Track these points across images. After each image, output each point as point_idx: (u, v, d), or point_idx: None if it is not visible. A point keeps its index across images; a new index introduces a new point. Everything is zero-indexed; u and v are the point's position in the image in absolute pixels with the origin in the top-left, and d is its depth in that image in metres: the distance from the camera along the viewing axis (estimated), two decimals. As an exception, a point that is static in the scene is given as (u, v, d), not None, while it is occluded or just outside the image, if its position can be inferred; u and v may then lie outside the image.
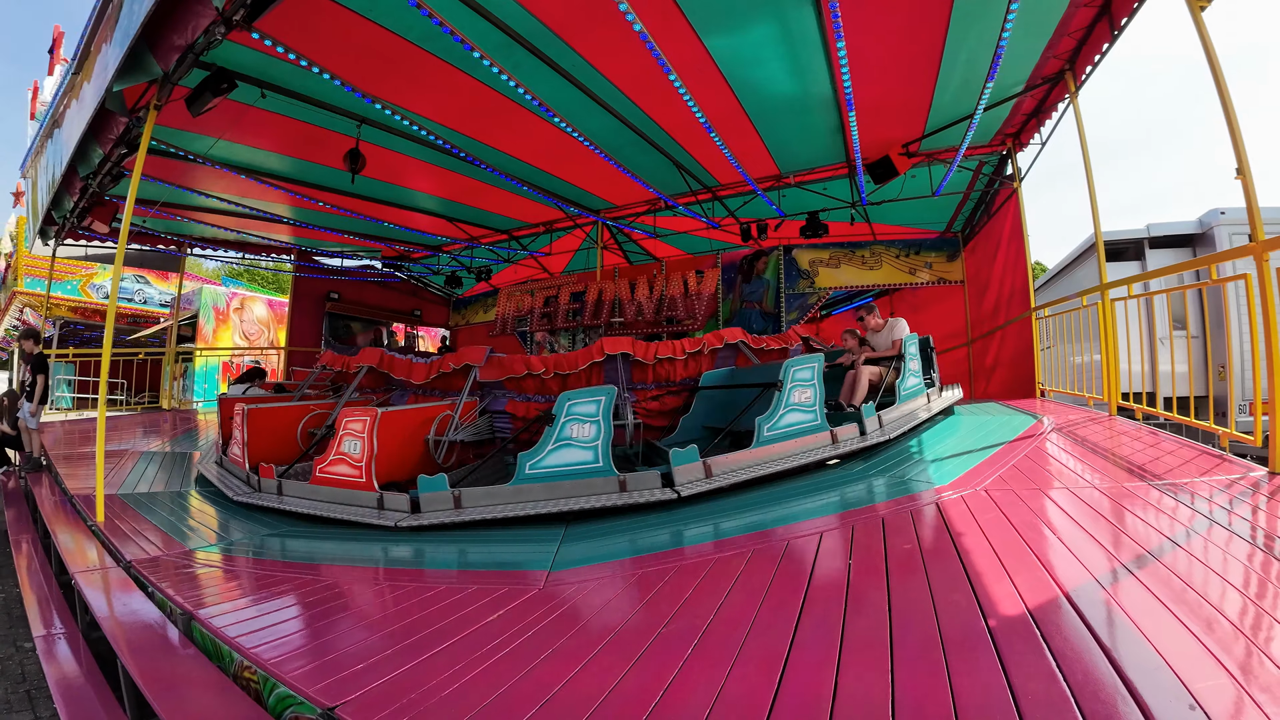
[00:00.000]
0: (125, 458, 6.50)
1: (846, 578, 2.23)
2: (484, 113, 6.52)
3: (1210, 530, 2.41)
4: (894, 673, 1.55)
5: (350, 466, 4.47)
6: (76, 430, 8.24)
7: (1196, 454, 3.62)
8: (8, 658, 3.42)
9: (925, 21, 5.10)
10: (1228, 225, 7.27)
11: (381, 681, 1.80)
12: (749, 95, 6.31)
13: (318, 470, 4.64)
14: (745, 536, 3.00)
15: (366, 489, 4.33)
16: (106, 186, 6.47)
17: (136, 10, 3.93)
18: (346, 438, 4.53)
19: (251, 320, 16.43)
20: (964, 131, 6.54)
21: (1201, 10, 3.51)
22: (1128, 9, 4.84)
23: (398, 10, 4.53)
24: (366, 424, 4.43)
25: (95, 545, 3.79)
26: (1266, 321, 3.23)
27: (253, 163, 7.66)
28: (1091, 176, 5.69)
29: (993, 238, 8.65)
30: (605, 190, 9.39)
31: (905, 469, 3.95)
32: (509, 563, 3.16)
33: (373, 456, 4.36)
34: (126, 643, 2.29)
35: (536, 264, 13.10)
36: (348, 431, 4.54)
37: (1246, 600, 1.83)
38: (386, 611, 2.48)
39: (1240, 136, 3.37)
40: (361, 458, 4.41)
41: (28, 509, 5.65)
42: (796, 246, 10.80)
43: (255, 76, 5.58)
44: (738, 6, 4.87)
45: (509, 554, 3.30)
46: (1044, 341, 7.24)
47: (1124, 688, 1.39)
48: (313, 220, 10.11)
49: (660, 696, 1.56)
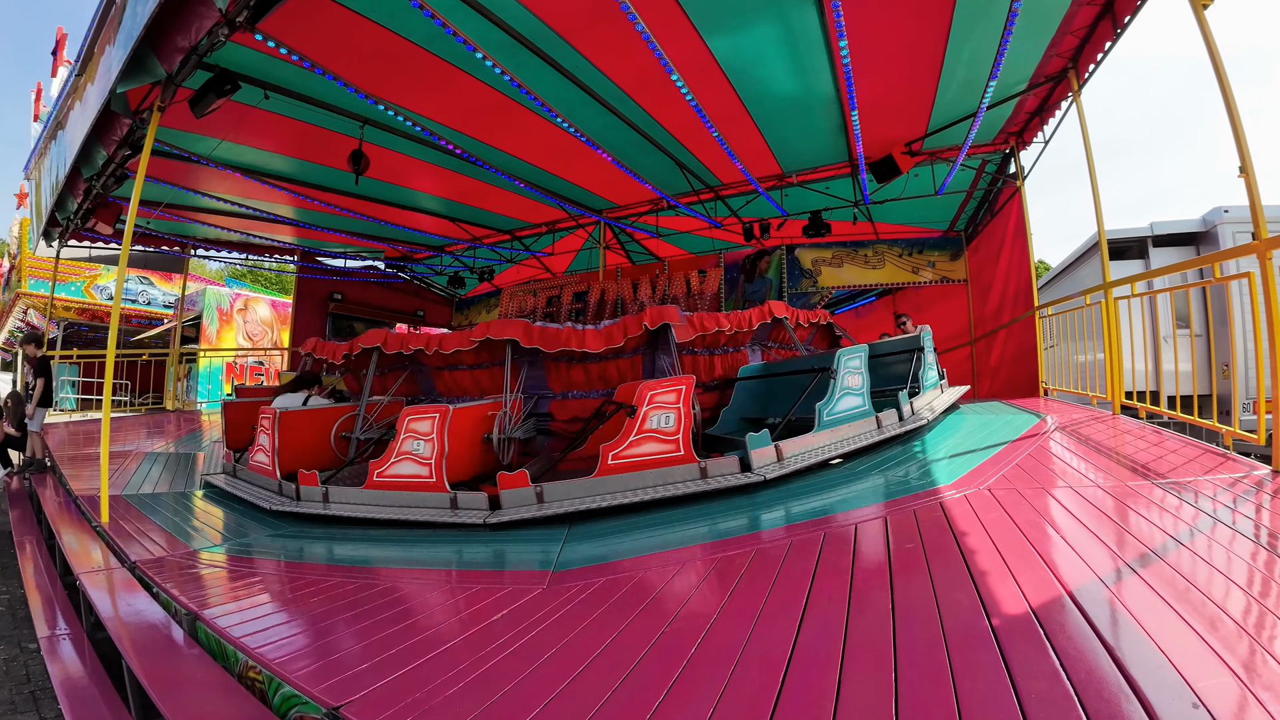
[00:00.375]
0: (129, 459, 6.52)
1: (850, 578, 2.23)
2: (486, 113, 6.53)
3: (1214, 529, 2.41)
4: (897, 670, 1.55)
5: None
6: (81, 431, 8.27)
7: (1200, 453, 3.61)
8: (13, 658, 3.43)
9: (927, 20, 5.09)
10: (1231, 224, 7.25)
11: (386, 681, 1.80)
12: (751, 94, 6.31)
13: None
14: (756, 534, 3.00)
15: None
16: (110, 188, 6.50)
17: (140, 12, 3.94)
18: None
19: (255, 321, 16.46)
20: (967, 130, 6.54)
21: (1204, 8, 3.50)
22: (1130, 7, 4.83)
23: (400, 11, 4.54)
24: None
25: (100, 546, 3.80)
26: (1270, 320, 3.22)
27: (256, 164, 7.68)
28: (1094, 175, 5.67)
29: (996, 237, 8.64)
30: (608, 190, 9.40)
31: (909, 468, 3.94)
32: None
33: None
34: (131, 643, 2.29)
35: (539, 264, 13.10)
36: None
37: (1250, 599, 1.83)
38: (397, 610, 2.48)
39: (1243, 135, 3.36)
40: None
41: (32, 510, 5.68)
42: (799, 246, 10.78)
43: (258, 78, 5.59)
44: (740, 6, 4.87)
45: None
46: (1047, 340, 7.23)
47: (1127, 686, 1.39)
48: (316, 221, 10.13)
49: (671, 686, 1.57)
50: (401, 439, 4.39)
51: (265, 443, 5.26)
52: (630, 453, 4.04)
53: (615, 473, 4.01)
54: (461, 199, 9.77)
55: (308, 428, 5.51)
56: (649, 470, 3.99)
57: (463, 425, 4.54)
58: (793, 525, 3.15)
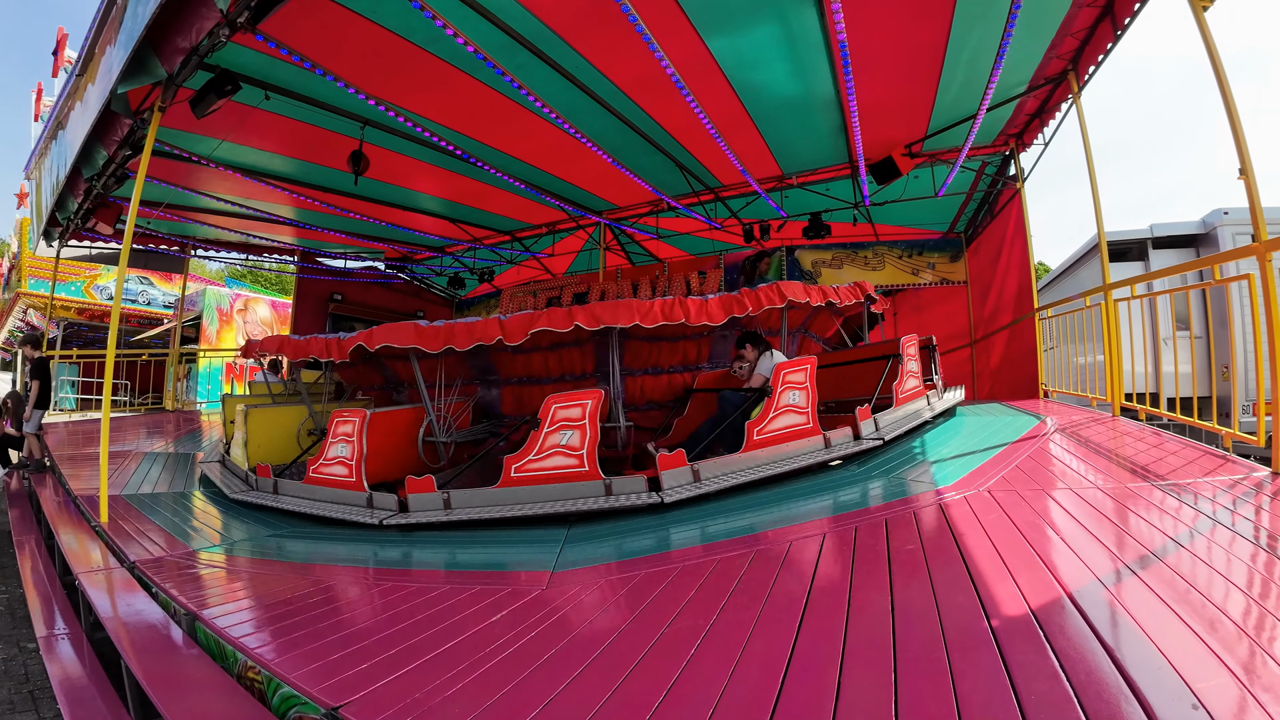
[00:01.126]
0: (129, 459, 6.52)
1: (849, 579, 2.23)
2: (487, 114, 6.53)
3: (1213, 531, 2.41)
4: (897, 672, 1.55)
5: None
6: (80, 431, 8.26)
7: (1200, 454, 3.61)
8: (12, 658, 3.43)
9: (927, 22, 5.10)
10: (1231, 225, 7.26)
11: (385, 681, 1.80)
12: (751, 96, 6.31)
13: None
14: (747, 537, 3.00)
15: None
16: (111, 188, 6.50)
17: (141, 12, 3.95)
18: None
19: (255, 321, 16.45)
20: (967, 132, 6.54)
21: (1204, 10, 3.50)
22: (1130, 9, 4.83)
23: (401, 12, 4.54)
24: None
25: (99, 546, 3.80)
26: (1270, 322, 3.22)
27: (256, 164, 7.68)
28: (1094, 176, 5.68)
29: (996, 238, 8.64)
30: (608, 191, 9.40)
31: (908, 470, 3.94)
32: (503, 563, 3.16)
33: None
34: (130, 643, 2.29)
35: (539, 265, 13.11)
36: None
37: (1250, 600, 1.83)
38: (391, 612, 2.48)
39: (1243, 136, 3.36)
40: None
41: (31, 510, 5.67)
42: (799, 247, 10.79)
43: (259, 78, 5.59)
44: (740, 7, 4.87)
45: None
46: (1047, 342, 7.23)
47: (1127, 687, 1.39)
48: (316, 221, 10.13)
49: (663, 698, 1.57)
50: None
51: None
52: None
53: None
54: (461, 200, 9.77)
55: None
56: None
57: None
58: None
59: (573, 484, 3.91)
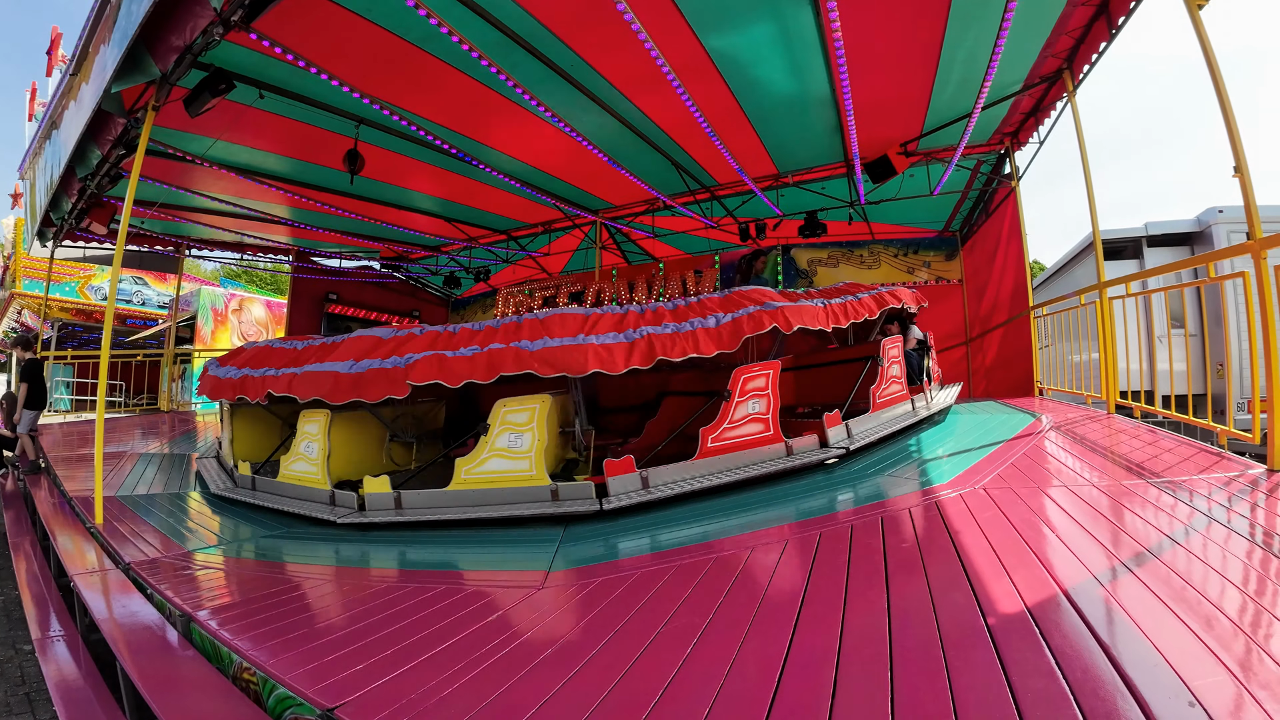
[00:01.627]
0: (124, 459, 6.49)
1: (846, 577, 2.23)
2: (482, 113, 6.52)
3: (1209, 528, 2.42)
4: (893, 670, 1.55)
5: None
6: (75, 432, 8.22)
7: (1195, 452, 3.62)
8: (7, 660, 3.41)
9: (923, 20, 5.10)
10: (1226, 223, 7.29)
11: (381, 682, 1.80)
12: (747, 94, 6.31)
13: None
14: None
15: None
16: (105, 188, 6.47)
17: (135, 11, 3.93)
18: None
19: (250, 321, 16.41)
20: (962, 130, 6.56)
21: (1199, 9, 3.51)
22: (1125, 8, 4.84)
23: (396, 11, 4.53)
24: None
25: (94, 547, 3.78)
26: (1264, 319, 3.23)
27: (251, 163, 7.66)
28: (1089, 175, 5.69)
29: (991, 237, 8.66)
30: (603, 190, 9.39)
31: (903, 468, 3.95)
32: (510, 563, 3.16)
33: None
34: (126, 645, 2.28)
35: (535, 264, 13.10)
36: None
37: (1245, 597, 1.83)
38: (385, 613, 2.47)
39: (1238, 134, 3.37)
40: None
41: (26, 511, 5.64)
42: (795, 246, 10.81)
43: (253, 77, 5.57)
44: (736, 5, 4.87)
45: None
46: (1042, 340, 7.25)
47: (1123, 685, 1.39)
48: (311, 221, 10.10)
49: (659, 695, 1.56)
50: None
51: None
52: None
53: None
54: (457, 199, 9.75)
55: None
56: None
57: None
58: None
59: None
